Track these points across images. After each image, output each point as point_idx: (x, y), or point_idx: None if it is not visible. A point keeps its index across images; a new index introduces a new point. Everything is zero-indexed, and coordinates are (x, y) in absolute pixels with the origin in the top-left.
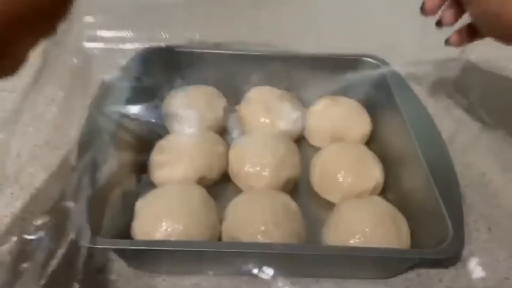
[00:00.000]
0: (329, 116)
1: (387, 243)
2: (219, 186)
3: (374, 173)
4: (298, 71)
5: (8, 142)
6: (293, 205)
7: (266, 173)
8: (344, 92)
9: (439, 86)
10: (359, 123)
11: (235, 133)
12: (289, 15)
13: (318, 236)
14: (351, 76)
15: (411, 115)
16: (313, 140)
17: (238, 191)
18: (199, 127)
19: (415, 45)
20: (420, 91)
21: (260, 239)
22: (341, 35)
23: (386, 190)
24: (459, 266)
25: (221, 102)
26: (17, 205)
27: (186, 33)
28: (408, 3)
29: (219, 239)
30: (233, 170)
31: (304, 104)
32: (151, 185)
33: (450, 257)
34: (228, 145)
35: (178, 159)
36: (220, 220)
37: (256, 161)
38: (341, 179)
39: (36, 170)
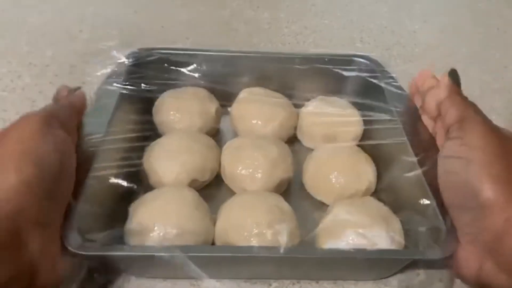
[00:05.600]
0: (321, 117)
1: (381, 244)
2: (212, 188)
3: (367, 174)
4: (289, 71)
5: None
6: (286, 206)
7: (259, 175)
8: (336, 92)
9: None
10: (351, 123)
11: (227, 135)
12: (288, 15)
13: (311, 237)
14: (343, 76)
15: (403, 115)
16: (306, 141)
17: (231, 193)
18: (191, 129)
19: (413, 46)
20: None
21: (254, 241)
22: (341, 35)
23: (378, 190)
24: None
25: (213, 103)
26: None
27: (186, 34)
28: (407, 4)
29: (213, 242)
30: (226, 172)
31: (295, 105)
32: (144, 188)
33: (445, 257)
34: (220, 147)
35: (170, 162)
36: (214, 223)
37: (249, 163)
38: (333, 180)
39: None
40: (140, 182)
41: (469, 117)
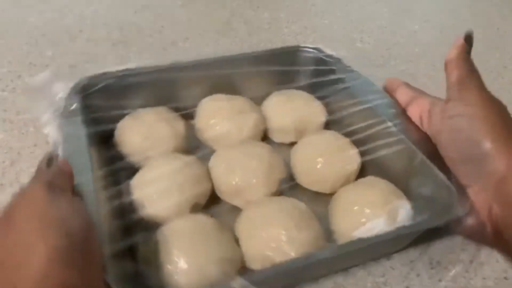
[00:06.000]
0: (286, 111)
1: (401, 218)
2: (210, 208)
3: (353, 155)
4: (242, 72)
5: (9, 142)
6: (301, 205)
7: (257, 181)
8: (290, 84)
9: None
10: (315, 111)
11: (201, 150)
12: (288, 15)
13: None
14: (293, 68)
15: (364, 92)
16: (277, 137)
17: (231, 208)
18: (166, 153)
19: (413, 46)
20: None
21: (288, 248)
22: (341, 36)
23: (366, 171)
24: (458, 266)
25: (179, 120)
26: None
27: (186, 34)
28: (407, 4)
29: (242, 262)
30: (221, 187)
31: (256, 103)
32: (144, 225)
33: (460, 216)
34: (204, 164)
35: (165, 193)
36: (237, 243)
37: (246, 172)
38: (327, 168)
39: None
40: (136, 225)
41: (468, 81)
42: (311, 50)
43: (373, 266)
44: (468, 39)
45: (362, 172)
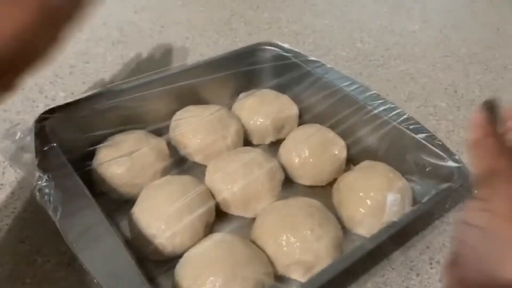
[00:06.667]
0: (262, 112)
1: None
2: (218, 225)
3: (341, 143)
4: (206, 79)
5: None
6: (315, 202)
7: (262, 188)
8: (256, 84)
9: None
10: (287, 105)
11: (183, 164)
12: (288, 15)
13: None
14: (255, 67)
15: (334, 81)
16: (257, 140)
17: (239, 219)
18: (158, 179)
19: (413, 46)
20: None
21: (316, 246)
22: (341, 35)
23: (360, 157)
24: None
25: (160, 141)
26: (18, 205)
27: (186, 34)
28: (407, 4)
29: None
30: (227, 201)
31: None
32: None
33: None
34: (200, 180)
35: (174, 219)
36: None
37: (247, 182)
38: (320, 160)
39: None
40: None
41: (500, 171)
42: (271, 48)
43: (373, 266)
44: (489, 106)
45: (356, 159)
